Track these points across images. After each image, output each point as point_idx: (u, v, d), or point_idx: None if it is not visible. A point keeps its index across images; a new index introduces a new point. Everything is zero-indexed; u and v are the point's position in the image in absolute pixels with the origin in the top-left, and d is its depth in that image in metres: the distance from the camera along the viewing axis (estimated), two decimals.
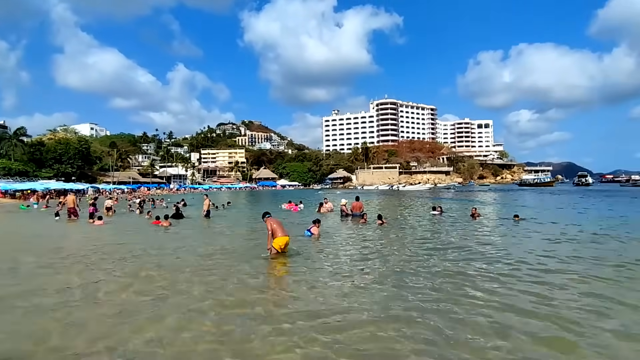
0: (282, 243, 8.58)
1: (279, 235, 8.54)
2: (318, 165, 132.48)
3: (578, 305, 4.99)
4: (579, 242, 10.10)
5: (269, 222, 8.68)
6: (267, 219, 8.84)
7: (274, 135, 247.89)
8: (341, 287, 6.09)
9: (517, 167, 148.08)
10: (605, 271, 6.85)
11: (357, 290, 5.93)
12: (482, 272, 6.92)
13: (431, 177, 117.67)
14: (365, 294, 5.72)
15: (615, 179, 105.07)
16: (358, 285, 6.19)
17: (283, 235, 8.57)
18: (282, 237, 8.56)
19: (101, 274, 7.16)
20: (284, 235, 8.59)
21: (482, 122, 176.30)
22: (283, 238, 8.57)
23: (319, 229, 12.17)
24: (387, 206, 29.23)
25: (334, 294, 5.72)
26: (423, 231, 13.17)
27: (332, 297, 5.60)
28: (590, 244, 9.76)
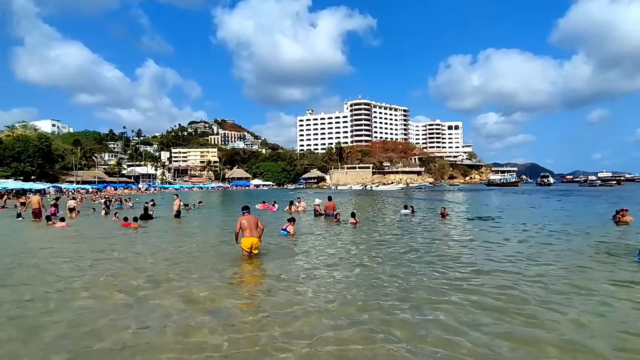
0: (247, 244, 8.33)
1: (246, 236, 8.33)
2: (292, 165, 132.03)
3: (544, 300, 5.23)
4: (538, 239, 10.59)
5: (239, 221, 8.48)
6: (241, 216, 8.60)
7: (248, 134, 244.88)
8: (315, 285, 6.09)
9: (485, 168, 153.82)
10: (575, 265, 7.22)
11: (330, 287, 5.95)
12: (449, 270, 7.11)
13: (403, 177, 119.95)
14: (336, 291, 5.74)
15: (574, 180, 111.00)
16: (331, 283, 6.21)
17: (250, 236, 8.31)
18: (247, 238, 8.33)
19: (58, 283, 6.81)
20: (250, 236, 8.31)
21: (452, 124, 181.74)
22: (248, 239, 8.32)
23: (294, 227, 12.23)
24: (361, 206, 29.53)
25: (308, 292, 5.71)
26: (394, 229, 13.40)
27: (305, 294, 5.58)
28: (546, 241, 10.26)
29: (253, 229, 8.37)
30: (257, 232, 8.42)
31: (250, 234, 8.31)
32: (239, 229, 8.45)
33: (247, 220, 8.43)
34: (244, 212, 8.69)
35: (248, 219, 8.45)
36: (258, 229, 8.51)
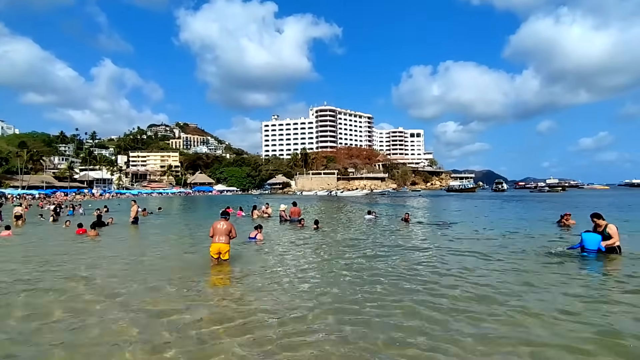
0: (214, 250, 8.19)
1: (214, 241, 8.22)
2: (257, 171, 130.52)
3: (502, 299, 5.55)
4: (492, 242, 11.22)
5: (213, 224, 8.42)
6: (218, 220, 8.56)
7: (211, 138, 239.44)
8: (284, 292, 6.08)
9: (445, 174, 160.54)
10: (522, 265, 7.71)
11: (300, 293, 5.97)
12: (410, 273, 7.36)
13: (368, 183, 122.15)
14: (302, 296, 5.77)
15: (526, 186, 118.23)
16: (300, 289, 6.23)
17: (217, 242, 8.18)
18: (215, 244, 8.20)
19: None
20: (217, 242, 8.18)
21: (415, 132, 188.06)
22: (215, 245, 8.19)
23: (262, 234, 12.21)
24: (325, 211, 29.75)
25: (277, 299, 5.69)
26: (359, 234, 13.64)
27: (274, 301, 5.55)
28: (499, 243, 10.90)
29: (223, 235, 8.23)
30: (226, 239, 8.26)
31: (218, 240, 8.18)
32: (211, 233, 8.36)
33: (219, 225, 8.31)
34: (222, 217, 8.60)
35: (221, 225, 8.32)
36: (229, 235, 8.35)
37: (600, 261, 8.05)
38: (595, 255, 8.25)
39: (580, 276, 6.96)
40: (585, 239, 8.45)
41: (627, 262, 7.90)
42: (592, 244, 8.32)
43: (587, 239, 8.42)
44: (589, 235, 8.47)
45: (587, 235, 8.50)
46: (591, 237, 8.42)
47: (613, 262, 7.96)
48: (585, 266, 7.74)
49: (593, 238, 8.37)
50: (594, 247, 8.28)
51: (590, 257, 8.22)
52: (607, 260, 8.10)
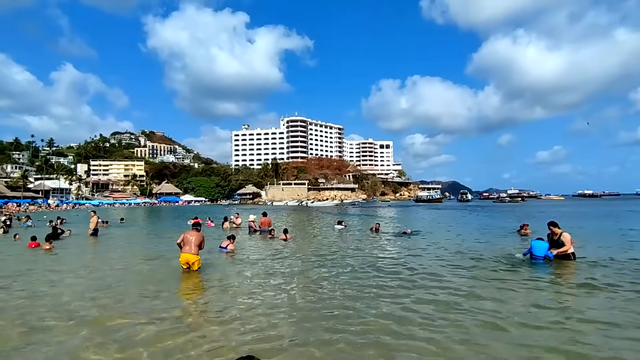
0: (182, 260, 8.17)
1: (183, 251, 8.20)
2: (226, 181, 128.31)
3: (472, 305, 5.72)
4: (457, 250, 11.60)
5: (183, 234, 8.44)
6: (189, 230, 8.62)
7: (179, 147, 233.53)
8: (249, 300, 5.97)
9: (413, 185, 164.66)
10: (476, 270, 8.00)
11: (265, 303, 5.88)
12: (380, 283, 7.46)
13: (338, 193, 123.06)
14: (270, 306, 5.69)
15: (489, 197, 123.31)
16: (266, 299, 6.14)
17: (186, 252, 8.18)
18: (183, 254, 8.20)
19: None
20: (186, 253, 8.17)
21: (384, 143, 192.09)
22: (183, 255, 8.18)
23: (234, 244, 12.03)
24: (296, 221, 29.62)
25: (243, 308, 5.57)
26: (327, 244, 13.66)
27: (239, 311, 5.43)
28: (464, 250, 11.29)
29: (192, 245, 8.19)
30: (195, 249, 8.22)
31: (187, 251, 8.16)
32: (180, 241, 8.36)
33: (190, 235, 8.31)
34: (193, 228, 8.64)
35: (191, 235, 8.32)
36: (199, 246, 8.33)
37: (549, 267, 8.52)
38: (542, 261, 8.76)
39: (528, 281, 7.31)
40: (533, 246, 9.01)
41: (578, 267, 8.41)
42: (539, 251, 8.89)
43: (535, 247, 8.99)
44: (538, 243, 9.02)
45: (536, 242, 9.06)
46: (539, 244, 8.97)
47: (562, 268, 8.44)
48: (535, 272, 8.15)
49: (541, 246, 8.93)
50: (541, 254, 8.85)
51: (540, 262, 8.70)
52: (559, 266, 8.58)
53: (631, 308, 5.50)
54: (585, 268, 8.36)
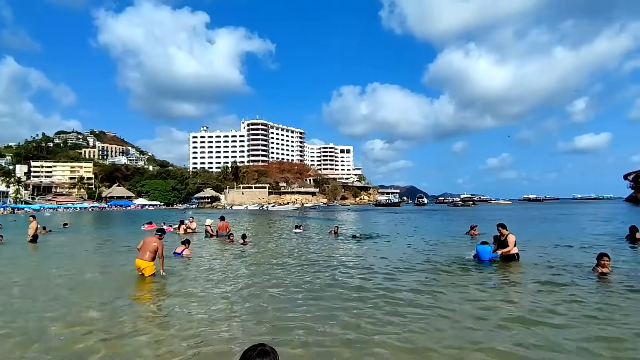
0: (136, 265, 8.05)
1: (137, 257, 8.08)
2: (183, 184, 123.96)
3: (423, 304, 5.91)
4: (411, 250, 12.02)
5: (143, 239, 8.38)
6: (151, 236, 8.53)
7: (132, 149, 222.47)
8: (201, 306, 5.78)
9: (373, 190, 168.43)
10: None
11: (218, 308, 5.71)
12: (332, 284, 7.54)
13: (299, 197, 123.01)
14: (223, 312, 5.55)
15: (444, 201, 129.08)
16: (219, 304, 5.97)
17: (139, 258, 8.04)
18: (137, 260, 8.07)
19: None
20: (139, 259, 8.03)
21: (345, 148, 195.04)
22: (136, 261, 8.06)
23: (189, 249, 11.69)
24: (255, 226, 29.21)
25: (195, 314, 5.37)
26: (285, 248, 13.62)
27: (198, 321, 5.23)
28: (418, 250, 11.73)
29: (146, 252, 8.01)
30: (149, 256, 8.01)
31: (140, 256, 8.02)
32: (139, 246, 8.27)
33: (147, 241, 8.18)
34: (157, 233, 8.50)
35: (149, 241, 8.17)
36: (155, 253, 8.10)
37: (494, 267, 9.09)
38: (488, 263, 9.33)
39: (471, 281, 7.75)
40: (478, 251, 9.71)
41: (519, 266, 9.02)
42: (484, 255, 9.56)
43: (480, 251, 9.67)
44: (481, 247, 9.74)
45: (480, 247, 9.78)
46: (483, 248, 9.69)
47: (505, 267, 9.02)
48: (481, 271, 8.67)
49: (484, 249, 9.64)
50: (486, 257, 9.51)
51: (485, 265, 9.27)
52: (503, 265, 9.17)
53: (559, 301, 5.97)
54: (526, 268, 8.97)
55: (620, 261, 9.33)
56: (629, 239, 13.29)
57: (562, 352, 4.07)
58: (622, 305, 5.73)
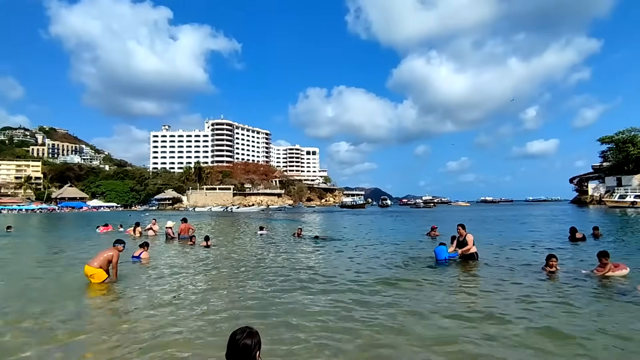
0: (84, 272, 7.67)
1: (87, 262, 7.76)
2: (143, 185, 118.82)
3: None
4: (373, 251, 12.27)
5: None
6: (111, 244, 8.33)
7: (87, 147, 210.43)
8: (160, 316, 5.55)
9: (338, 191, 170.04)
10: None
11: (177, 314, 5.52)
12: (296, 286, 7.53)
13: (264, 199, 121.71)
14: (185, 320, 5.37)
15: (407, 203, 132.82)
16: (180, 313, 5.77)
17: (88, 264, 7.68)
18: (85, 265, 7.71)
19: None
20: (88, 264, 7.67)
21: (311, 150, 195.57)
22: (85, 267, 7.69)
23: (148, 252, 11.20)
24: (219, 227, 28.54)
25: (149, 325, 5.14)
26: (248, 250, 13.43)
27: (146, 329, 5.01)
28: (381, 251, 11.99)
29: (99, 259, 7.71)
30: (98, 263, 7.65)
31: (89, 262, 7.71)
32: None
33: (106, 249, 8.06)
34: (116, 243, 8.25)
35: (107, 249, 8.02)
36: (108, 262, 7.78)
37: (451, 266, 9.50)
38: (445, 263, 9.76)
39: (435, 279, 8.06)
40: (436, 252, 10.12)
41: (476, 265, 9.47)
42: (440, 255, 9.98)
43: (437, 252, 10.09)
44: (438, 249, 10.19)
45: (437, 248, 10.24)
46: (439, 249, 10.14)
47: (463, 266, 9.44)
48: (441, 271, 9.03)
49: (441, 250, 10.07)
50: (442, 257, 9.92)
51: (444, 265, 9.66)
52: (461, 264, 9.58)
53: (512, 296, 6.34)
54: (482, 266, 9.44)
55: (566, 258, 10.03)
56: (570, 239, 14.36)
57: (511, 347, 4.31)
58: (570, 302, 6.17)
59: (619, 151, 65.24)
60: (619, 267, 7.74)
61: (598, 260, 7.91)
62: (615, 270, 7.61)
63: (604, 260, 7.75)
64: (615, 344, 4.32)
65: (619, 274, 7.55)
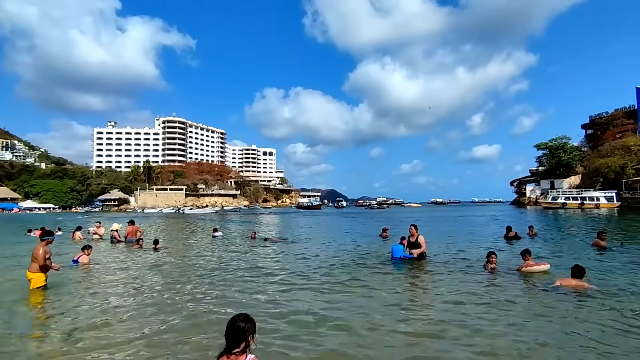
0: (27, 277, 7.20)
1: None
2: (85, 185, 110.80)
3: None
4: (327, 253, 12.49)
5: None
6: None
7: (20, 143, 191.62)
8: (98, 322, 5.26)
9: (295, 192, 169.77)
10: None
11: (117, 324, 5.26)
12: (244, 292, 7.47)
13: (219, 199, 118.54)
14: (124, 329, 5.13)
15: (363, 204, 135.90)
16: (114, 335, 5.49)
17: (29, 269, 7.20)
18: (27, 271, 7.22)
19: None
20: (28, 270, 7.20)
21: (267, 150, 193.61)
22: (27, 272, 7.21)
23: (90, 256, 10.63)
24: (171, 230, 27.40)
25: (94, 338, 4.85)
26: (200, 254, 13.06)
27: (90, 341, 4.73)
28: (334, 254, 12.23)
29: (34, 260, 7.10)
30: (33, 266, 7.09)
31: (30, 267, 7.14)
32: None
33: (35, 250, 7.15)
34: (42, 239, 7.37)
35: (36, 249, 7.14)
36: (42, 261, 7.13)
37: (405, 265, 9.93)
38: (400, 261, 10.18)
39: (390, 277, 8.39)
40: (393, 249, 10.52)
41: (427, 263, 9.97)
42: (396, 254, 10.43)
43: (394, 249, 10.52)
44: (396, 247, 10.62)
45: (394, 246, 10.64)
46: (396, 248, 10.59)
47: (415, 264, 9.91)
48: (395, 269, 9.43)
49: (397, 249, 10.52)
50: (397, 255, 10.39)
51: (398, 263, 10.07)
52: (412, 262, 10.03)
53: (460, 291, 6.79)
54: (429, 264, 9.96)
55: (502, 255, 10.86)
56: (505, 237, 15.66)
57: (454, 338, 4.63)
58: (507, 293, 6.72)
59: (552, 157, 71.66)
60: (540, 264, 8.61)
61: (522, 258, 8.72)
62: (535, 266, 8.46)
63: (527, 257, 8.61)
64: (542, 325, 4.81)
65: (538, 270, 8.42)
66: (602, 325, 4.93)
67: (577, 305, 5.87)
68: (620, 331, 4.74)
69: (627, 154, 55.73)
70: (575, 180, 67.68)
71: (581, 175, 67.47)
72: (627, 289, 6.84)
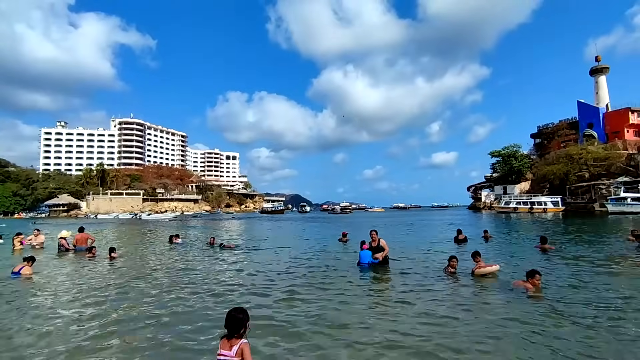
0: None
1: None
2: (30, 189, 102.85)
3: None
4: (292, 258, 12.45)
5: None
6: None
7: None
8: (42, 344, 4.88)
9: (259, 197, 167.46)
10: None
11: (66, 344, 4.92)
12: (202, 303, 7.27)
13: (179, 204, 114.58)
14: (77, 347, 4.82)
15: (327, 209, 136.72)
16: (66, 338, 5.15)
17: None
18: None
19: None
20: None
21: (230, 154, 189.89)
22: None
23: (32, 267, 9.87)
24: (127, 237, 26.06)
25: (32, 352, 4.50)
26: (157, 262, 12.50)
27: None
28: (300, 257, 12.21)
29: None
30: None
31: None
32: None
33: None
34: None
35: None
36: None
37: (371, 270, 10.11)
38: (367, 266, 10.34)
39: (358, 281, 8.52)
40: (360, 255, 10.63)
41: (392, 267, 10.21)
42: (364, 259, 10.55)
43: (361, 255, 10.63)
44: (363, 252, 10.70)
45: (362, 252, 10.75)
46: (364, 253, 10.68)
47: (380, 268, 10.11)
48: (362, 274, 9.60)
49: (365, 254, 10.62)
50: (366, 261, 10.51)
51: (365, 268, 10.23)
52: (378, 267, 10.23)
53: (419, 295, 7.01)
54: (392, 266, 10.21)
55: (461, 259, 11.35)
56: (454, 240, 16.44)
57: (416, 334, 4.77)
58: (464, 294, 7.02)
59: (505, 164, 76.02)
60: (491, 265, 9.09)
61: (473, 260, 9.16)
62: (487, 267, 8.91)
63: (477, 259, 9.06)
64: (499, 322, 5.08)
65: (489, 270, 8.87)
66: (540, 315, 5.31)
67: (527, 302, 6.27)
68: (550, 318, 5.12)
69: (570, 162, 60.39)
70: (525, 186, 72.16)
71: (531, 182, 72.07)
72: (558, 284, 7.40)
